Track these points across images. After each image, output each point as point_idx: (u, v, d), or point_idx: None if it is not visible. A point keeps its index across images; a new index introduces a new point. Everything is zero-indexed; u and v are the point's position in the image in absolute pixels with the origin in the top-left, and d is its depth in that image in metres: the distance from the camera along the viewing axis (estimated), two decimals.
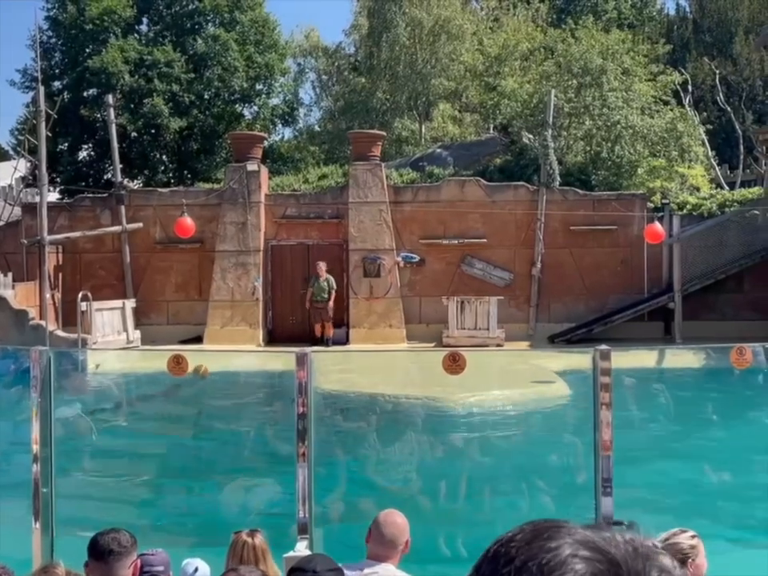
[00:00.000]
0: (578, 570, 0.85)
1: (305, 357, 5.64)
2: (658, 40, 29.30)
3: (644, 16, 34.74)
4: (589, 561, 0.85)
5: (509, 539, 0.91)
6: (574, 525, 0.91)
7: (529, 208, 19.52)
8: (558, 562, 0.85)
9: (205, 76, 25.60)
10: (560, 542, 0.88)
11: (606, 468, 5.41)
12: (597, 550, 0.86)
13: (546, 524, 0.92)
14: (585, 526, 0.91)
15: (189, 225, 17.77)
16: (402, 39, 27.27)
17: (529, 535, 0.90)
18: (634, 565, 0.86)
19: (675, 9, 39.67)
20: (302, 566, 3.29)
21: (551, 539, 0.88)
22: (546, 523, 0.92)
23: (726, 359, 5.87)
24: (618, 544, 0.88)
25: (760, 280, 18.66)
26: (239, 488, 9.01)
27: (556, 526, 0.91)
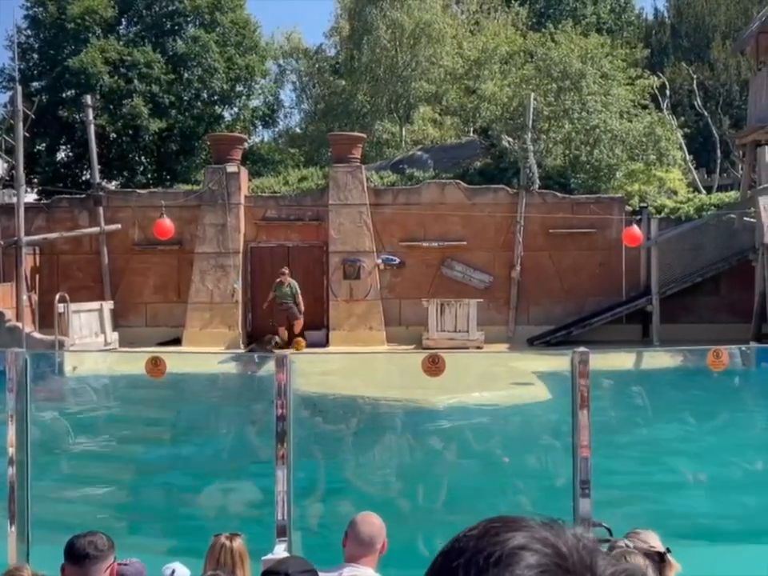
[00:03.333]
0: (526, 561, 0.86)
1: (284, 359, 5.63)
2: (637, 44, 29.54)
3: (623, 21, 35.01)
4: (537, 553, 0.87)
5: (463, 534, 0.93)
6: (527, 520, 0.92)
7: (508, 211, 19.60)
8: (506, 553, 0.87)
9: (185, 77, 25.49)
10: (509, 535, 0.89)
11: (583, 469, 5.44)
12: (545, 544, 0.88)
13: (499, 519, 0.93)
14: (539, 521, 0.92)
15: (168, 226, 17.68)
16: (382, 42, 27.30)
17: (481, 530, 0.92)
18: (580, 557, 0.87)
19: (653, 14, 40.03)
20: (274, 569, 3.29)
21: (501, 533, 0.90)
22: (499, 519, 0.94)
23: (703, 361, 5.91)
24: (567, 538, 0.89)
25: (736, 283, 18.84)
26: (221, 491, 8.97)
27: (508, 521, 0.92)
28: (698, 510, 8.33)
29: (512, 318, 19.63)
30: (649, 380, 14.06)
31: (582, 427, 5.49)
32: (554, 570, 0.85)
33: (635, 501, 8.46)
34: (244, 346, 19.02)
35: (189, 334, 18.81)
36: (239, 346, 18.87)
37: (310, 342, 18.95)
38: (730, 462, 9.84)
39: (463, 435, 11.38)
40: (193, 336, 18.68)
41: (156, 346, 17.22)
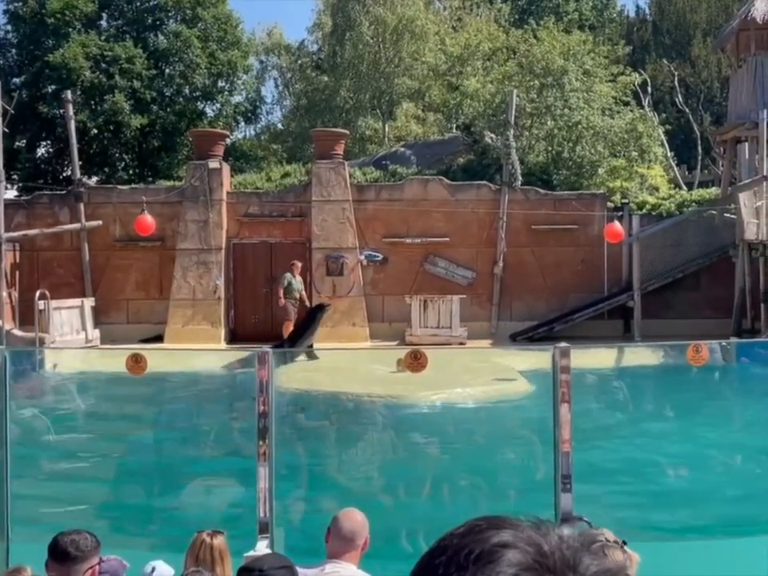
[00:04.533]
0: (507, 559, 0.86)
1: (265, 356, 5.62)
2: (618, 41, 29.70)
3: (604, 18, 35.15)
4: (519, 551, 0.87)
5: (448, 533, 0.93)
6: (513, 519, 0.93)
7: (491, 207, 19.64)
8: (487, 550, 0.87)
9: (166, 72, 25.36)
10: (492, 533, 0.90)
11: (565, 464, 5.47)
12: (528, 542, 0.88)
13: (484, 518, 0.94)
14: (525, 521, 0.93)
15: (149, 223, 17.57)
16: (365, 38, 27.29)
17: (466, 528, 0.92)
18: (562, 557, 0.87)
19: (635, 11, 40.20)
20: (249, 566, 3.28)
21: (485, 531, 0.90)
22: (485, 518, 0.94)
23: (684, 356, 5.95)
24: (552, 538, 0.89)
25: (717, 279, 18.97)
26: (204, 488, 8.95)
27: (493, 520, 0.93)
28: (677, 505, 8.39)
29: (495, 314, 19.69)
30: (630, 376, 14.14)
31: (564, 422, 5.51)
32: (534, 569, 0.85)
33: (617, 496, 8.51)
34: (226, 343, 18.96)
35: (171, 331, 18.73)
36: (222, 343, 18.81)
37: None
38: (709, 456, 9.92)
39: (446, 431, 11.40)
40: (175, 333, 18.60)
41: (138, 343, 17.13)
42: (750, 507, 8.17)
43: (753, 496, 8.37)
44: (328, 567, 3.93)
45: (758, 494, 8.39)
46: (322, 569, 3.93)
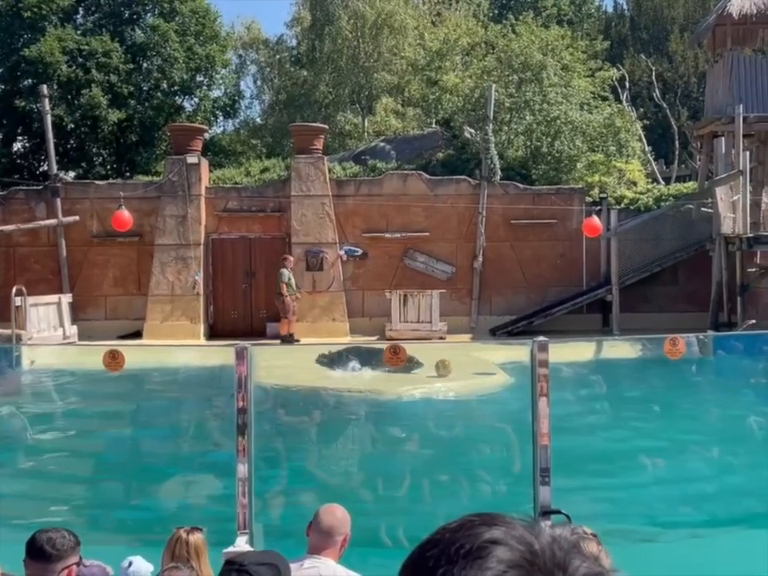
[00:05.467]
0: (497, 555, 0.86)
1: (244, 351, 5.60)
2: (597, 36, 29.79)
3: (583, 13, 35.28)
4: (509, 548, 0.87)
5: (441, 528, 0.94)
6: (506, 517, 0.93)
7: (470, 202, 19.68)
8: (477, 546, 0.87)
9: (144, 67, 25.16)
10: (484, 529, 0.90)
11: (543, 458, 5.49)
12: (519, 540, 0.88)
13: (478, 515, 0.94)
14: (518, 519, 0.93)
15: (126, 218, 17.45)
16: (344, 32, 27.21)
17: (458, 524, 0.93)
18: (552, 556, 0.87)
19: (613, 6, 40.43)
20: (233, 559, 3.27)
21: (476, 527, 0.91)
22: (478, 514, 0.94)
23: (661, 350, 5.99)
24: (544, 537, 0.89)
25: (694, 272, 19.13)
26: (185, 484, 8.92)
27: (486, 517, 0.93)
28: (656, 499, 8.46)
29: (474, 308, 19.74)
30: (609, 369, 14.23)
31: (542, 416, 5.53)
32: (523, 566, 0.86)
33: (596, 489, 8.56)
34: (206, 339, 18.90)
35: (150, 327, 18.63)
36: (201, 338, 18.74)
37: (273, 334, 18.88)
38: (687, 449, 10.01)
39: (426, 425, 11.42)
40: (154, 329, 18.50)
41: (116, 340, 17.03)
42: (727, 501, 8.26)
43: (728, 489, 8.46)
44: (307, 562, 3.93)
45: (733, 487, 8.49)
46: (301, 564, 3.93)
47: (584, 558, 0.90)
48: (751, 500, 8.08)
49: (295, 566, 3.95)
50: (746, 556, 6.23)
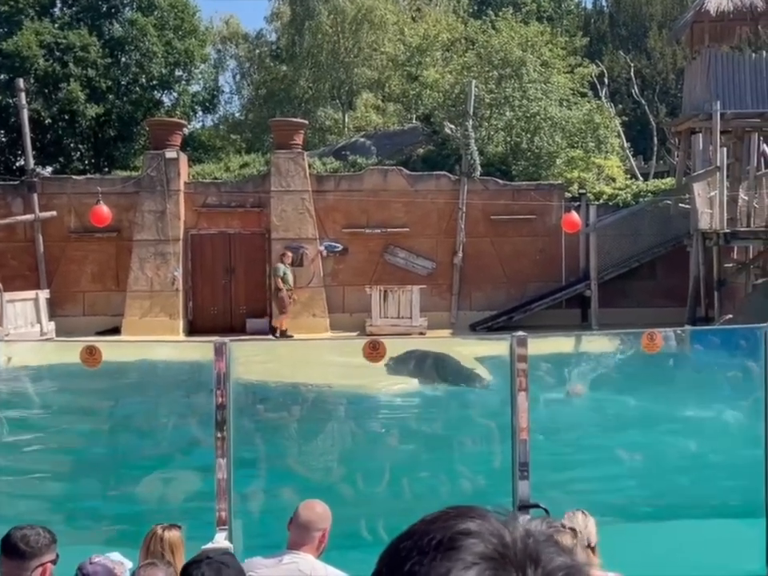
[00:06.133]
0: (468, 547, 0.87)
1: (223, 347, 5.58)
2: (576, 33, 29.92)
3: (562, 9, 35.37)
4: (481, 540, 0.87)
5: (419, 520, 0.94)
6: (482, 510, 0.93)
7: (450, 197, 19.71)
8: (449, 537, 0.88)
9: (122, 61, 24.97)
10: (458, 521, 0.90)
11: (522, 452, 5.51)
12: (492, 532, 0.89)
13: (455, 507, 0.94)
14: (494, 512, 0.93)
15: (104, 213, 17.31)
16: (324, 27, 27.14)
17: (434, 516, 0.93)
18: (524, 548, 0.88)
19: (592, 2, 40.58)
20: (196, 557, 3.27)
21: (451, 519, 0.91)
22: (455, 507, 0.94)
23: (639, 344, 6.03)
24: (517, 530, 0.90)
25: (672, 268, 19.27)
26: (166, 481, 8.88)
27: (462, 509, 0.93)
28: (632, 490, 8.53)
29: (454, 303, 19.78)
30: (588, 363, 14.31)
31: (521, 410, 5.56)
32: (495, 559, 0.86)
33: (574, 482, 8.62)
34: (185, 335, 18.80)
35: (128, 323, 18.51)
36: (180, 334, 18.65)
37: (253, 330, 18.83)
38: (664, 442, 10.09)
39: (406, 420, 11.44)
40: (132, 325, 18.38)
41: (94, 336, 16.90)
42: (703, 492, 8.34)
43: (704, 481, 8.55)
44: (286, 558, 3.93)
45: (709, 478, 8.57)
46: (280, 559, 3.94)
47: (558, 550, 0.90)
48: (726, 491, 8.16)
49: (274, 561, 3.96)
50: (721, 545, 6.30)
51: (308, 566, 3.88)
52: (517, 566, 0.86)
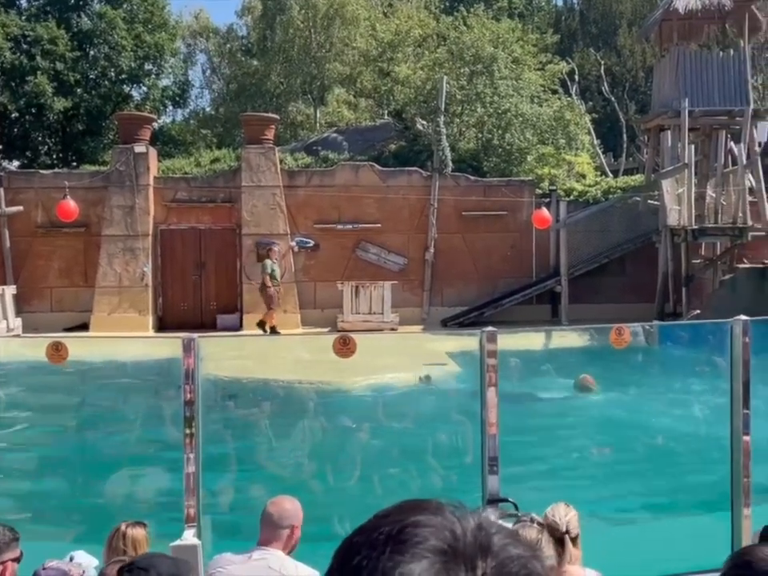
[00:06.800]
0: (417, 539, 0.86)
1: (191, 342, 5.53)
2: (547, 30, 30.09)
3: (533, 6, 35.53)
4: (432, 534, 0.87)
5: (374, 514, 0.93)
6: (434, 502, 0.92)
7: (422, 193, 19.72)
8: (398, 530, 0.87)
9: (90, 54, 24.69)
10: (409, 515, 0.89)
11: (492, 447, 5.53)
12: (442, 524, 0.88)
13: (408, 501, 0.94)
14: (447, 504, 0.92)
15: (71, 208, 17.10)
16: (296, 22, 27.01)
17: (387, 510, 0.92)
18: (474, 539, 0.87)
19: (563, 0, 40.75)
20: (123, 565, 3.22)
21: (402, 513, 0.90)
22: (408, 501, 0.94)
23: (608, 339, 6.06)
24: (468, 521, 0.89)
25: (640, 264, 19.44)
26: (135, 478, 8.81)
27: (414, 503, 0.92)
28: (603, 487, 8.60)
29: (426, 299, 19.81)
30: (557, 359, 14.40)
31: (491, 405, 5.57)
32: (445, 552, 0.85)
33: (546, 477, 8.67)
34: (155, 331, 18.66)
35: (96, 319, 18.32)
36: (150, 330, 18.50)
37: (223, 326, 18.73)
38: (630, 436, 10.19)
39: (376, 416, 11.44)
40: (101, 321, 18.19)
41: (62, 332, 16.71)
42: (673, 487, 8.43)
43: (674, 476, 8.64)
44: (256, 554, 3.91)
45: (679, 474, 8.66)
46: (249, 556, 3.91)
47: (514, 542, 0.89)
48: (695, 487, 8.25)
49: (244, 558, 3.94)
50: (688, 538, 6.36)
51: (277, 562, 3.85)
52: (466, 558, 0.85)
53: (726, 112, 19.06)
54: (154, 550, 4.49)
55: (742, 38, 19.57)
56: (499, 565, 0.86)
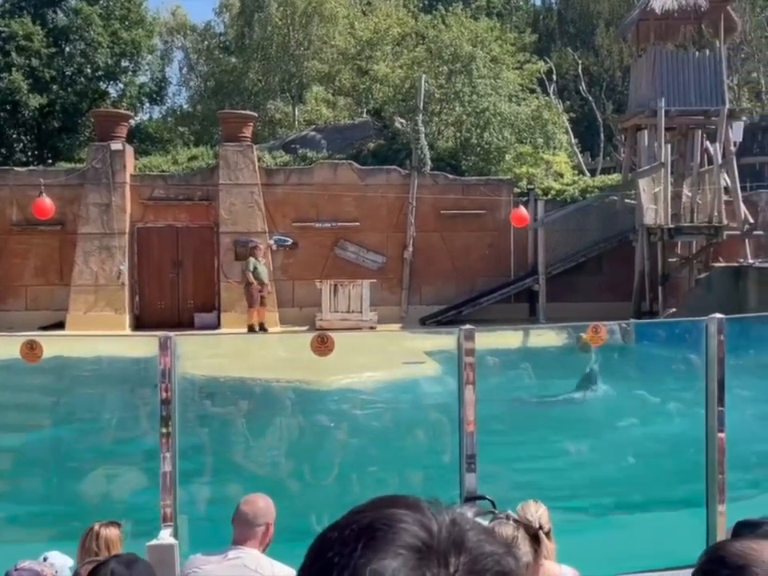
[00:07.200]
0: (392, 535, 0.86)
1: (168, 341, 5.49)
2: (525, 29, 30.18)
3: (511, 5, 35.67)
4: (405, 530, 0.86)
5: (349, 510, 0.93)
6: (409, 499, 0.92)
7: (401, 192, 19.73)
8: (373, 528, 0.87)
9: (66, 51, 24.48)
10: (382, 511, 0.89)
11: (469, 444, 5.54)
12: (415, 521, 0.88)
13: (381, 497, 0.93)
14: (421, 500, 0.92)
15: (47, 206, 16.92)
16: (274, 20, 26.91)
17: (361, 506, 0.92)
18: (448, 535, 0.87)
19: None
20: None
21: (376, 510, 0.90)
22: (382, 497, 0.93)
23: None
24: (442, 517, 0.89)
25: (617, 263, 19.55)
26: (111, 477, 8.74)
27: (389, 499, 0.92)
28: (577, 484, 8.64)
29: (404, 298, 19.82)
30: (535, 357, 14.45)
31: (468, 403, 5.58)
32: (419, 549, 0.85)
33: (522, 474, 8.70)
34: (131, 330, 18.53)
35: (72, 318, 18.16)
36: (126, 329, 18.37)
37: (201, 325, 18.63)
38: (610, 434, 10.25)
39: (355, 414, 11.43)
40: (77, 320, 18.04)
41: (37, 331, 16.55)
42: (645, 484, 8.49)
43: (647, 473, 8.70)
44: (231, 553, 3.88)
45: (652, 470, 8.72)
46: (225, 555, 3.89)
47: (488, 538, 0.89)
48: (669, 484, 8.31)
49: (219, 558, 3.91)
50: (664, 535, 6.41)
51: (253, 561, 3.84)
52: (439, 554, 0.85)
53: (701, 112, 19.21)
54: (131, 549, 4.46)
55: (717, 38, 19.74)
56: (472, 561, 0.86)
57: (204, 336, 15.41)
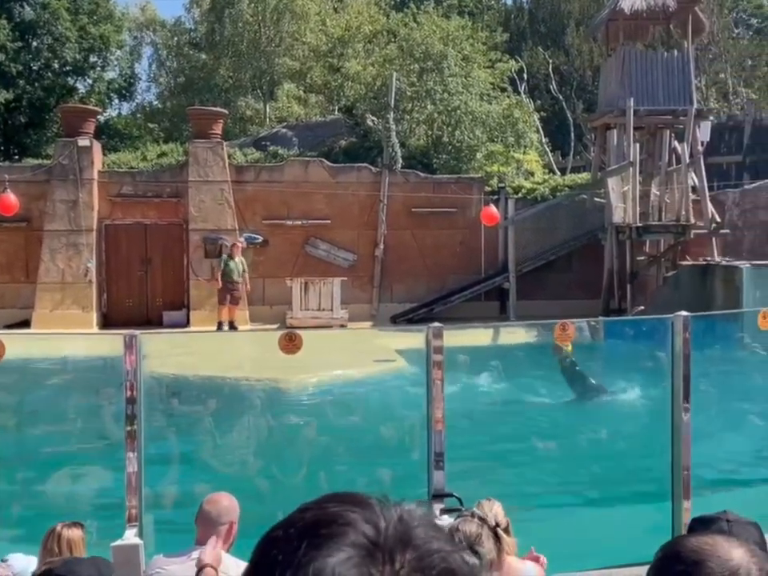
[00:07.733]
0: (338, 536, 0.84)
1: (133, 339, 5.43)
2: (496, 28, 30.26)
3: (483, 4, 35.75)
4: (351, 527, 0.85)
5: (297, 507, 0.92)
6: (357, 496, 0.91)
7: (372, 190, 19.71)
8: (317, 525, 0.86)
9: (33, 45, 24.16)
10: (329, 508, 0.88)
11: (438, 442, 5.54)
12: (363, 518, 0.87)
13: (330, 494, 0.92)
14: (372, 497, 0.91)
15: (12, 202, 16.69)
16: (245, 16, 26.77)
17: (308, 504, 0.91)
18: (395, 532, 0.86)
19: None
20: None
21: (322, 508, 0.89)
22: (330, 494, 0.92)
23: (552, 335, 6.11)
24: (390, 513, 0.88)
25: (587, 261, 19.69)
26: (76, 477, 8.63)
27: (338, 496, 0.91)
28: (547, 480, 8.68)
29: (376, 296, 19.81)
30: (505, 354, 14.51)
31: (437, 401, 5.58)
32: (365, 546, 0.84)
33: (490, 471, 8.72)
34: (99, 328, 18.33)
35: (38, 316, 17.92)
36: (94, 327, 18.16)
37: (170, 323, 18.49)
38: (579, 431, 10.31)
39: (324, 413, 11.40)
40: (43, 318, 17.80)
41: (2, 329, 16.31)
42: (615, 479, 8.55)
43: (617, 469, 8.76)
44: (194, 553, 3.84)
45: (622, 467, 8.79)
46: (189, 555, 3.85)
47: (438, 534, 0.88)
48: (639, 479, 8.38)
49: (183, 558, 3.87)
50: (630, 530, 6.46)
51: None
52: (386, 551, 0.84)
53: (670, 111, 19.40)
54: (96, 550, 4.41)
55: (686, 38, 19.94)
56: (418, 558, 0.85)
57: (171, 334, 15.29)
